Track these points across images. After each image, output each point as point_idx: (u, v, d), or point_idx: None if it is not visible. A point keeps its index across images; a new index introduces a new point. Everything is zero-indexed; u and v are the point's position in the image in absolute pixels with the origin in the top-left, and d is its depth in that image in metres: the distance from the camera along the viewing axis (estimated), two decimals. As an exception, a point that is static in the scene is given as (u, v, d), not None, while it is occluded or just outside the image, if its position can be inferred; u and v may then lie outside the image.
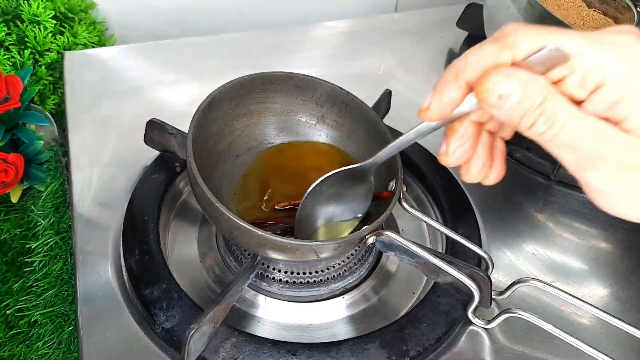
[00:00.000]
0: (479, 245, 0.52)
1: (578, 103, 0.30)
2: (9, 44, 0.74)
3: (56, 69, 0.77)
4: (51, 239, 0.63)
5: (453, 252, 0.53)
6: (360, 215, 0.49)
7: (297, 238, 0.47)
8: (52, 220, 0.64)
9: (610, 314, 0.47)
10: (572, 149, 0.29)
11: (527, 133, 0.30)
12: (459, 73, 0.31)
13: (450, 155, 0.35)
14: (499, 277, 0.54)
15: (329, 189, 0.48)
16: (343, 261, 0.53)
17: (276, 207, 0.51)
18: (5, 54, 0.73)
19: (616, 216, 0.32)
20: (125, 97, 0.69)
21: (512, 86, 0.29)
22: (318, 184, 0.47)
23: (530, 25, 0.30)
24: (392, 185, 0.49)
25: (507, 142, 0.64)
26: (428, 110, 0.33)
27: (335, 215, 0.49)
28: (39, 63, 0.76)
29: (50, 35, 0.75)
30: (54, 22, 0.76)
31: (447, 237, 0.54)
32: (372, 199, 0.49)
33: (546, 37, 0.29)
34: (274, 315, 0.51)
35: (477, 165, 0.36)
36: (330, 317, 0.51)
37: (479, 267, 0.50)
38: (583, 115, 0.29)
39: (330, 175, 0.47)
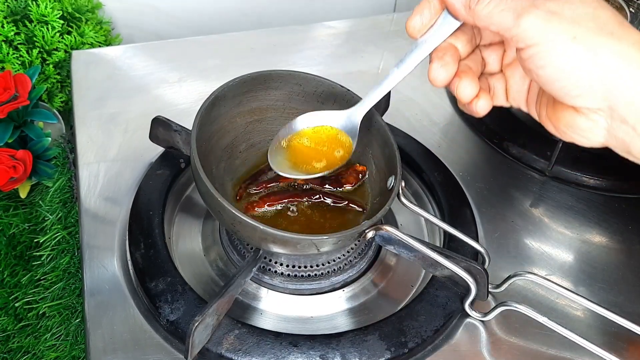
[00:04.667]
0: (476, 239, 0.53)
1: None
2: (18, 44, 0.75)
3: (64, 67, 0.78)
4: (59, 234, 0.64)
5: (450, 246, 0.53)
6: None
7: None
8: (60, 215, 0.65)
9: (604, 307, 0.47)
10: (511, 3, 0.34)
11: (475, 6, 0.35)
12: None
13: (435, 67, 0.38)
14: (495, 271, 0.54)
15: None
16: (343, 255, 0.53)
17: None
18: (14, 53, 0.74)
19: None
20: (130, 95, 0.69)
21: None
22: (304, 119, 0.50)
23: None
24: (391, 181, 0.49)
25: (503, 140, 0.66)
26: (411, 20, 0.38)
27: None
28: (47, 62, 0.77)
29: (57, 34, 0.76)
30: (62, 22, 0.77)
31: (445, 232, 0.55)
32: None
33: None
34: (276, 308, 0.51)
35: (465, 80, 0.38)
36: (330, 309, 0.52)
37: (475, 260, 0.51)
38: None
39: (317, 115, 0.50)
